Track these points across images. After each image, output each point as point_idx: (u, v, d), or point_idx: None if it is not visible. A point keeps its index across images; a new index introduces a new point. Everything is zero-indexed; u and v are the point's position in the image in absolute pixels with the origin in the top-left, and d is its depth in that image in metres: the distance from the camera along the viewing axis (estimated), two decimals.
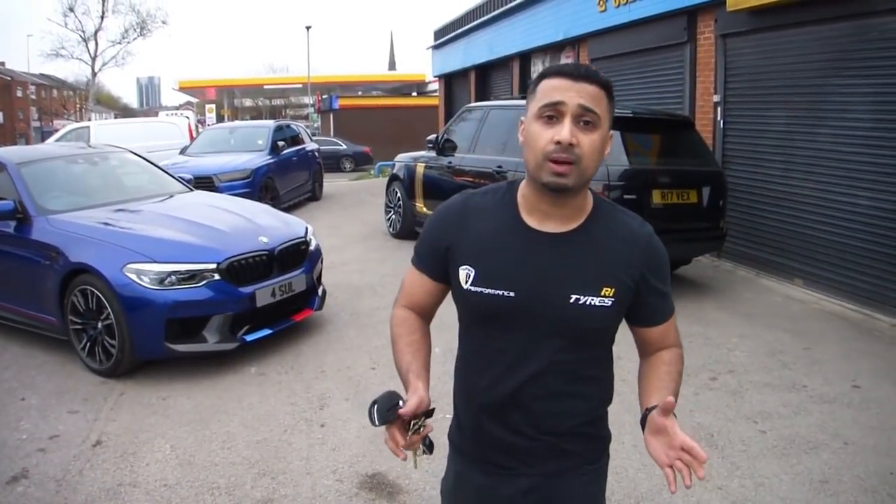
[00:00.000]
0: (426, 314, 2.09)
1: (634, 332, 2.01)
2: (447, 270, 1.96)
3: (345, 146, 37.36)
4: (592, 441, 2.03)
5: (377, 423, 1.77)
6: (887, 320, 7.21)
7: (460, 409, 2.06)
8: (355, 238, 11.94)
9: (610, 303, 1.83)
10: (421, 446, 1.84)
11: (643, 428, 1.81)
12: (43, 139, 44.43)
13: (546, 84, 1.79)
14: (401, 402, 1.78)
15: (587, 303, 1.82)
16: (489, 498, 2.00)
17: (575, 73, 1.77)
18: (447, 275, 1.97)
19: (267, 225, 6.81)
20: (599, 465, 2.06)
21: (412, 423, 1.79)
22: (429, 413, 1.81)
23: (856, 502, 3.94)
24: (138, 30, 48.43)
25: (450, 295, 2.03)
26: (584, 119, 1.75)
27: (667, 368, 1.95)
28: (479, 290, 1.86)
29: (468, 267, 1.88)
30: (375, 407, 1.78)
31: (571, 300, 1.81)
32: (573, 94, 1.74)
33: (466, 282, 1.88)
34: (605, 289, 1.82)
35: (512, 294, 1.83)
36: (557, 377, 1.87)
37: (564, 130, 1.72)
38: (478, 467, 2.00)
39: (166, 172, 8.37)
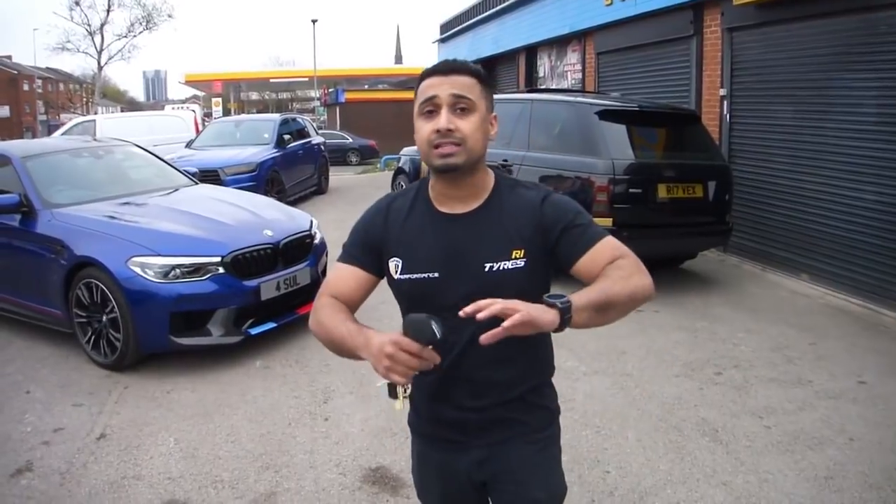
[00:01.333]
0: (351, 307, 2.11)
1: (575, 274, 1.99)
2: (379, 264, 2.10)
3: (351, 140, 37.36)
4: (537, 409, 2.15)
5: (439, 334, 1.73)
6: (893, 315, 7.17)
7: (412, 393, 2.10)
8: None
9: (523, 263, 1.97)
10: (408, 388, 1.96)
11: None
12: (49, 133, 44.45)
13: (423, 84, 1.98)
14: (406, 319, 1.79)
15: (501, 268, 1.96)
16: (448, 472, 2.17)
17: (445, 69, 1.97)
18: (379, 268, 2.11)
19: (272, 218, 6.81)
20: (547, 433, 2.17)
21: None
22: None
23: (861, 499, 3.92)
24: (144, 23, 48.47)
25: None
26: (459, 106, 1.93)
27: (606, 271, 1.91)
28: (407, 276, 2.03)
29: (396, 258, 2.05)
30: (433, 321, 1.73)
31: (486, 268, 1.96)
32: (446, 86, 1.93)
33: (396, 271, 2.04)
34: (514, 251, 1.97)
35: (436, 275, 1.99)
36: (495, 344, 1.76)
37: (442, 119, 1.91)
38: (435, 446, 2.18)
39: (171, 166, 8.37)
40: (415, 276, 2.01)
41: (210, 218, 6.45)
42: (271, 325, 6.21)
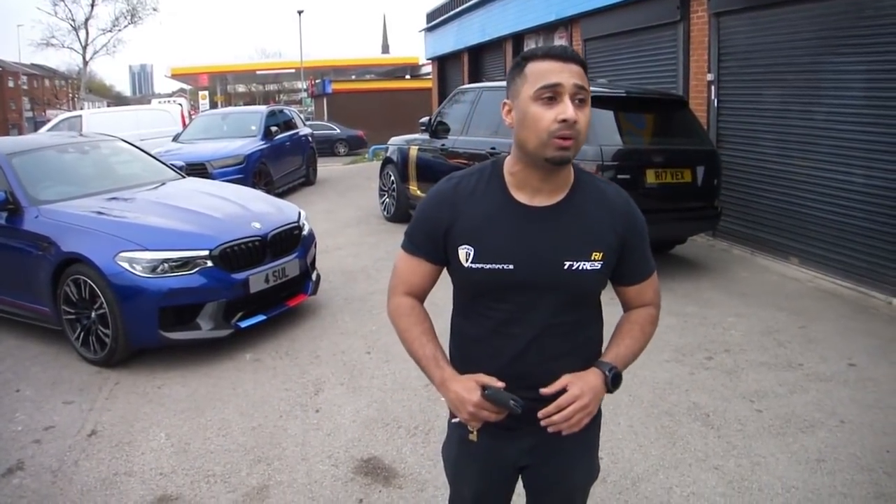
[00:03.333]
0: (423, 298, 2.19)
1: (617, 290, 2.19)
2: (445, 253, 2.06)
3: (339, 130, 37.32)
4: None
5: (520, 410, 1.92)
6: (883, 298, 7.20)
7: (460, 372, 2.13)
8: (349, 222, 11.91)
9: (600, 266, 1.99)
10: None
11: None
12: (36, 129, 44.21)
13: (537, 67, 1.90)
14: (489, 387, 1.96)
15: (580, 268, 1.97)
16: (494, 458, 2.16)
17: (563, 56, 1.89)
18: (444, 257, 2.08)
19: (259, 211, 6.78)
20: (593, 420, 2.13)
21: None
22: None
23: (852, 481, 3.93)
24: (129, 17, 48.33)
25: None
26: (579, 97, 1.88)
27: (629, 327, 2.15)
28: (479, 266, 1.98)
29: (467, 246, 1.99)
30: (512, 400, 1.93)
31: (565, 267, 1.96)
32: (567, 74, 1.86)
33: (467, 260, 1.99)
34: (594, 253, 1.98)
35: (511, 267, 1.95)
36: (556, 339, 2.02)
37: (569, 110, 1.84)
38: (485, 432, 2.09)
39: (158, 160, 8.32)
40: (488, 265, 1.97)
41: (197, 211, 6.42)
42: (261, 317, 6.19)
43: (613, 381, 2.02)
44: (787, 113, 8.67)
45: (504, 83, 2.04)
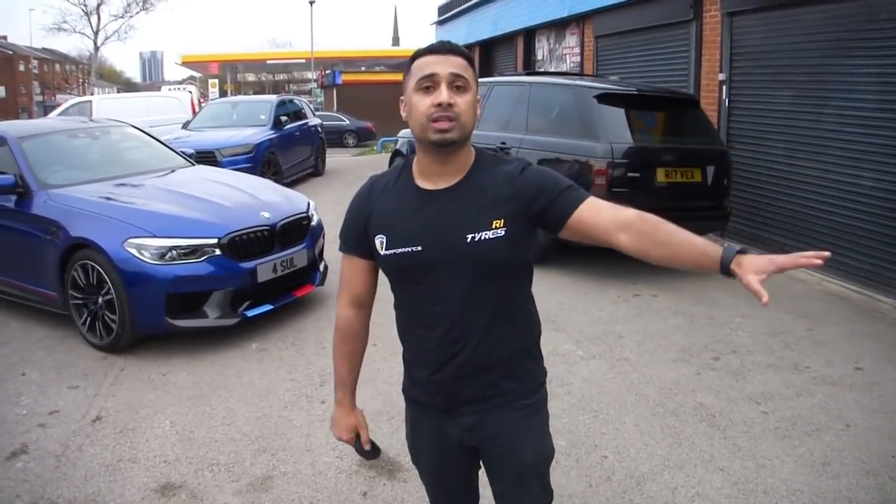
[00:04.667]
0: (367, 302, 2.36)
1: (573, 228, 2.04)
2: (369, 241, 2.18)
3: (348, 121, 37.23)
4: (524, 376, 2.25)
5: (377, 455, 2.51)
6: (889, 302, 7.17)
7: (406, 363, 2.34)
8: None
9: (503, 232, 2.04)
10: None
11: (728, 266, 1.90)
12: (45, 114, 44.37)
13: (419, 62, 2.07)
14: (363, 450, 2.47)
15: (482, 238, 2.04)
16: (440, 437, 2.30)
17: (442, 49, 2.07)
18: (369, 244, 2.19)
19: (269, 200, 6.77)
20: (535, 400, 2.27)
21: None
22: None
23: (857, 485, 3.92)
24: (141, 3, 48.36)
25: None
26: (456, 84, 2.02)
27: (664, 224, 1.99)
28: (392, 251, 2.11)
29: (381, 235, 2.14)
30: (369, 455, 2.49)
31: (468, 239, 2.04)
32: (444, 65, 2.03)
33: (382, 248, 2.14)
34: (494, 221, 2.05)
35: (419, 248, 2.08)
36: (480, 311, 2.12)
37: (443, 94, 2.00)
38: (426, 412, 2.30)
39: (168, 147, 8.32)
40: (399, 250, 2.10)
41: (206, 199, 6.41)
42: (268, 307, 6.19)
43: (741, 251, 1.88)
44: (798, 114, 8.64)
45: (516, 78, 2.10)
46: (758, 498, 3.79)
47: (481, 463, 2.36)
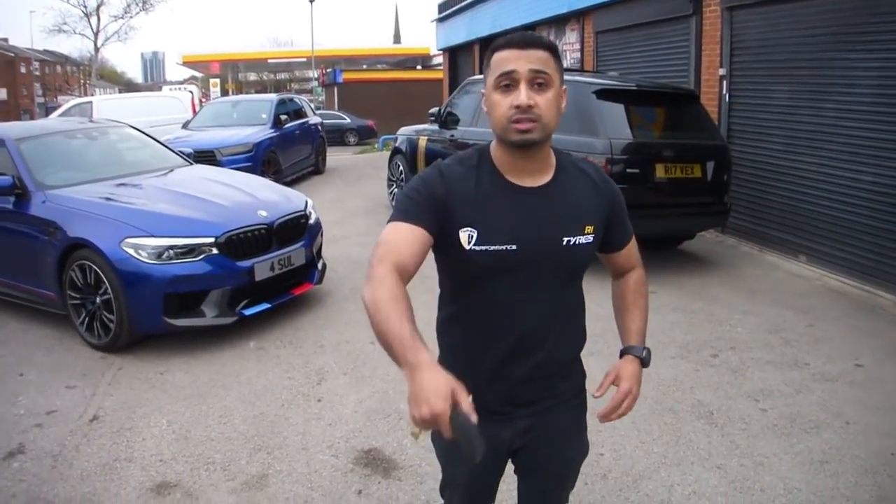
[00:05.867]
0: (409, 276, 1.91)
1: (607, 258, 2.30)
2: (440, 228, 1.95)
3: (349, 120, 37.25)
4: (575, 376, 2.28)
5: (477, 459, 1.62)
6: (890, 298, 7.14)
7: (459, 366, 1.88)
8: (357, 212, 11.89)
9: (592, 238, 2.08)
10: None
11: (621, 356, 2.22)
12: (47, 114, 44.32)
13: (498, 56, 1.96)
14: (464, 416, 1.60)
15: (576, 242, 2.04)
16: (490, 442, 1.94)
17: (521, 42, 1.94)
18: (440, 232, 1.95)
19: (266, 199, 6.77)
20: (582, 398, 2.30)
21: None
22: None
23: (856, 483, 3.89)
24: (141, 4, 48.39)
25: None
26: (538, 81, 1.92)
27: (633, 299, 2.30)
28: (483, 248, 1.97)
29: (469, 228, 1.97)
30: (476, 452, 1.61)
31: (564, 242, 2.02)
32: (524, 61, 1.91)
33: (469, 242, 1.97)
34: (587, 227, 2.06)
35: (514, 247, 1.97)
36: (556, 313, 2.12)
37: (522, 95, 1.89)
38: (478, 416, 1.91)
39: (166, 146, 8.31)
40: (492, 247, 1.97)
41: (204, 199, 6.41)
42: (265, 305, 6.18)
43: (647, 360, 2.21)
44: (798, 109, 8.61)
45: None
46: (755, 496, 3.76)
47: (514, 462, 2.30)
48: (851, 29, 7.79)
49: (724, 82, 9.96)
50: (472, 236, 1.97)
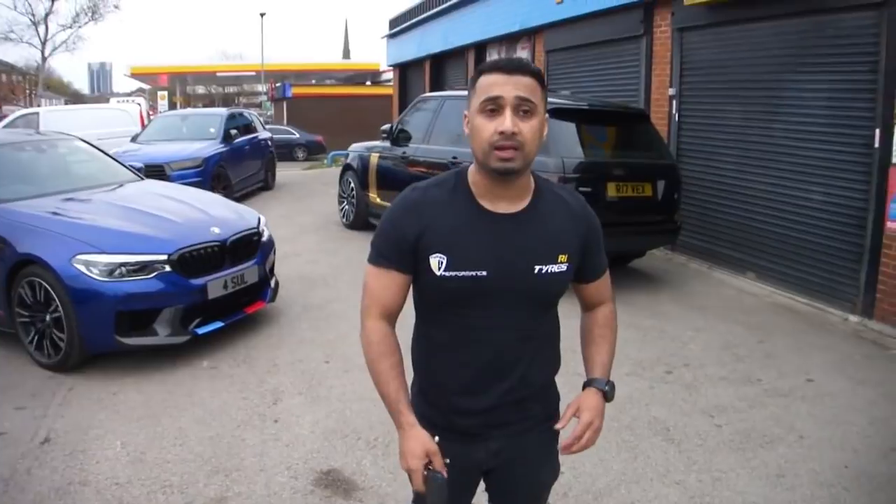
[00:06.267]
0: (395, 317, 2.15)
1: (579, 289, 2.29)
2: (414, 262, 2.05)
3: (298, 135, 37.05)
4: (549, 399, 2.29)
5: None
6: (838, 314, 7.30)
7: (431, 390, 2.21)
8: (308, 228, 11.83)
9: (566, 267, 2.09)
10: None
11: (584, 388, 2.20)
12: None
13: (484, 80, 1.97)
14: (437, 475, 1.99)
15: (548, 271, 2.05)
16: (461, 462, 2.14)
17: (509, 67, 1.95)
18: (414, 267, 2.06)
19: (219, 215, 6.69)
20: (555, 422, 2.24)
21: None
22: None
23: (812, 496, 3.96)
24: (90, 14, 47.73)
25: None
26: (523, 108, 1.92)
27: (600, 332, 2.28)
28: (452, 274, 2.00)
29: (439, 255, 2.00)
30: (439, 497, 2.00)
31: (535, 271, 2.03)
32: (510, 87, 1.91)
33: (440, 268, 2.01)
34: (560, 256, 2.07)
35: (484, 273, 1.99)
36: (528, 342, 2.12)
37: (507, 121, 1.90)
38: (450, 437, 2.12)
39: (116, 160, 8.18)
40: (462, 273, 2.00)
41: (156, 215, 6.30)
42: (219, 324, 6.10)
43: (611, 393, 2.20)
44: (748, 129, 8.78)
45: (467, 93, 2.07)
46: None
47: (486, 482, 2.34)
48: (800, 51, 7.99)
49: (674, 102, 10.13)
50: (442, 262, 2.01)
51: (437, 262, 2.01)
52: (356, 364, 5.62)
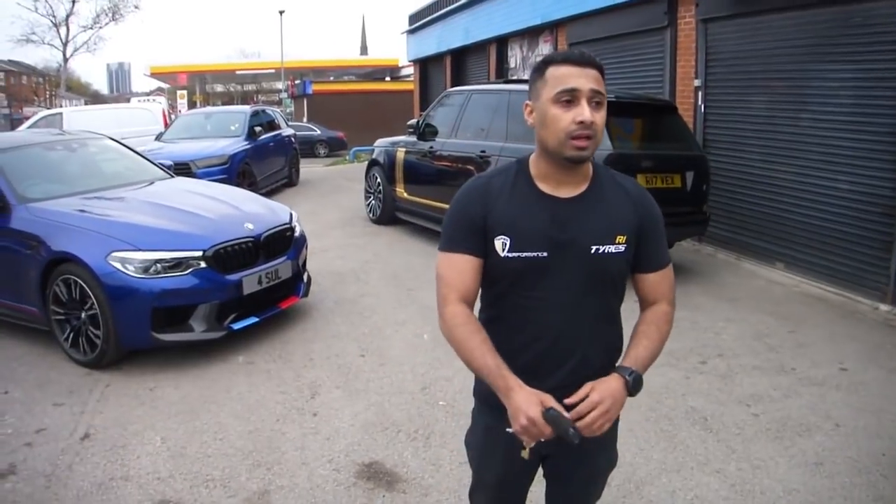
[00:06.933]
0: (472, 302, 2.20)
1: (635, 280, 2.29)
2: (484, 244, 2.14)
3: (319, 131, 37.23)
4: None
5: (577, 441, 1.96)
6: (868, 303, 7.26)
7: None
8: (334, 224, 11.86)
9: (623, 248, 2.14)
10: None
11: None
12: (13, 127, 43.72)
13: (556, 71, 2.05)
14: (551, 410, 1.97)
15: (606, 251, 2.11)
16: (520, 447, 2.17)
17: (581, 61, 2.04)
18: (484, 248, 2.14)
19: (252, 211, 6.73)
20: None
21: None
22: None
23: (851, 483, 3.96)
24: (110, 14, 48.04)
25: None
26: (595, 100, 2.03)
27: (645, 328, 2.23)
28: (516, 255, 2.09)
29: (503, 237, 2.10)
30: (571, 428, 1.96)
31: (593, 251, 2.10)
32: (584, 79, 2.02)
33: (503, 250, 2.10)
34: (618, 236, 2.13)
35: (545, 254, 2.08)
36: (590, 322, 2.17)
37: (586, 112, 2.00)
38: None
39: (146, 158, 8.24)
40: (524, 254, 2.09)
41: (190, 211, 6.35)
42: (254, 319, 6.14)
43: (634, 385, 2.11)
44: (774, 119, 8.73)
45: (494, 86, 2.12)
46: (755, 498, 3.82)
47: (544, 468, 2.39)
48: (825, 41, 7.92)
49: (700, 93, 10.07)
50: (506, 244, 2.10)
51: (501, 244, 2.10)
52: (391, 358, 5.68)
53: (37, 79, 79.35)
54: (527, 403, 1.96)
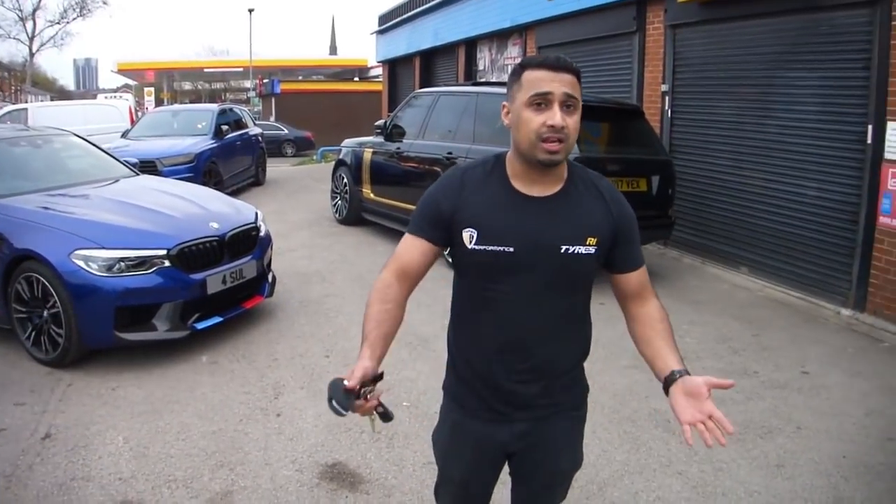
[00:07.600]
0: (412, 279, 2.23)
1: (619, 282, 2.30)
2: (449, 235, 2.19)
3: (286, 131, 37.06)
4: (576, 387, 2.37)
5: (344, 412, 1.93)
6: (831, 308, 7.35)
7: (460, 363, 2.32)
8: (301, 224, 11.81)
9: (594, 250, 2.16)
10: (375, 413, 1.99)
11: (667, 387, 2.13)
12: None
13: (531, 75, 2.07)
14: (345, 382, 1.93)
15: (575, 252, 2.13)
16: (486, 443, 2.32)
17: (556, 65, 2.05)
18: (446, 239, 2.20)
19: (217, 210, 6.69)
20: (581, 412, 2.41)
21: (361, 390, 1.93)
22: (376, 378, 1.98)
23: (812, 485, 4.01)
24: (78, 9, 47.58)
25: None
26: (568, 104, 2.04)
27: (662, 327, 2.25)
28: (482, 248, 2.13)
29: (471, 229, 2.14)
30: (333, 401, 1.93)
31: (562, 250, 2.12)
32: (557, 83, 2.03)
33: (470, 242, 2.14)
34: (589, 238, 2.14)
35: (511, 249, 2.11)
36: (555, 320, 2.20)
37: (556, 116, 2.02)
38: (477, 416, 2.30)
39: (112, 156, 8.16)
40: (490, 247, 2.12)
41: (154, 210, 6.29)
42: (217, 319, 6.09)
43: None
44: (741, 125, 8.83)
45: (462, 88, 2.13)
46: (717, 500, 3.87)
47: (510, 465, 2.42)
48: (794, 48, 8.03)
49: (667, 98, 10.16)
50: (473, 236, 2.14)
51: (468, 236, 2.14)
52: (356, 358, 5.64)
53: (2, 73, 78.26)
54: (351, 374, 1.95)
